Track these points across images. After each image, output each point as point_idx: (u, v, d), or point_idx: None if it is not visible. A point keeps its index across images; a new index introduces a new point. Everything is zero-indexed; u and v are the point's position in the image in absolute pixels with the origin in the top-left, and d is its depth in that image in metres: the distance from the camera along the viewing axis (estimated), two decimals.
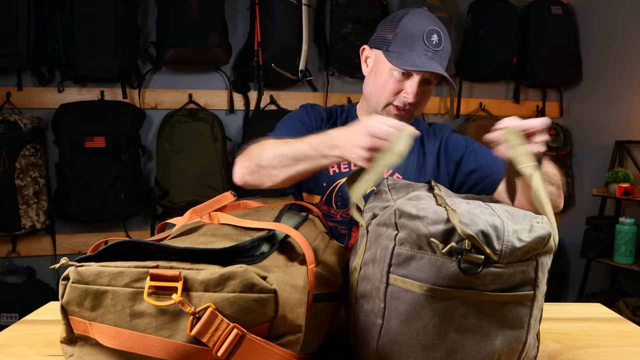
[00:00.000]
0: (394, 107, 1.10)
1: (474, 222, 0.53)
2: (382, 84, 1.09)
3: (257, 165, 0.97)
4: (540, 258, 0.55)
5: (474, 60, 2.75)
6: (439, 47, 1.05)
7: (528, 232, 0.54)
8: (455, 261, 0.53)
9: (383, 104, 1.10)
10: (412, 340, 0.57)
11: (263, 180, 0.97)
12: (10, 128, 2.20)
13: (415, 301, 0.56)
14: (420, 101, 1.10)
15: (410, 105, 1.08)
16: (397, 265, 0.58)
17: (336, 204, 1.14)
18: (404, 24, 1.07)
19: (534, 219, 0.56)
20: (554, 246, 0.56)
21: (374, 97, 1.12)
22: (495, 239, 0.52)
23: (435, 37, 1.05)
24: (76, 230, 2.50)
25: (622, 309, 2.37)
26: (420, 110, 1.14)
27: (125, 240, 0.54)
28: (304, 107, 1.22)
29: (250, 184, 1.00)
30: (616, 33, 2.71)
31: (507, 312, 0.55)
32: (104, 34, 2.23)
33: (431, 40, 1.05)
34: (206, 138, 2.42)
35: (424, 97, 1.11)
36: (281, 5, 2.39)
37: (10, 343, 0.81)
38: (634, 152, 2.62)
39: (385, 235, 0.60)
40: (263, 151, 0.97)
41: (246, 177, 0.99)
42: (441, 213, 0.55)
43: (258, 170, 0.97)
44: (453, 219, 0.53)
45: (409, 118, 1.11)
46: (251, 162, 0.98)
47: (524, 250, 0.53)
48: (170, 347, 0.49)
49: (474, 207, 0.58)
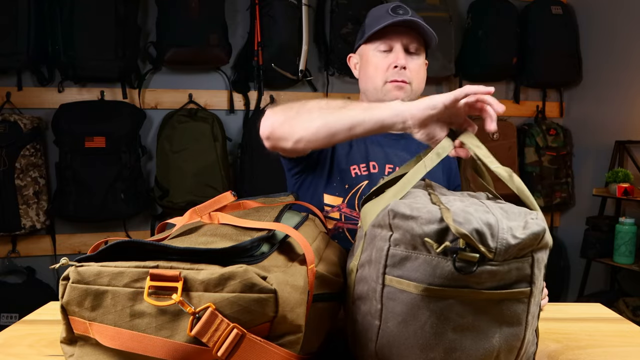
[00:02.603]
0: (390, 82, 1.11)
1: (467, 221, 0.53)
2: (372, 68, 1.13)
3: (296, 110, 0.89)
4: (535, 254, 0.55)
5: (473, 60, 2.75)
6: (407, 15, 1.08)
7: (522, 228, 0.54)
8: (450, 260, 0.53)
9: (380, 84, 1.12)
10: (409, 341, 0.57)
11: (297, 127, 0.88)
12: (10, 128, 2.20)
13: (411, 302, 0.56)
14: (415, 73, 1.12)
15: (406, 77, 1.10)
16: (393, 266, 0.58)
17: (359, 207, 1.12)
18: (369, 15, 1.15)
19: (529, 215, 0.56)
20: (549, 242, 0.56)
21: (370, 84, 1.14)
22: (490, 236, 0.52)
23: (401, 10, 1.09)
24: (76, 230, 2.50)
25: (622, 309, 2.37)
26: (419, 85, 1.14)
27: (125, 240, 0.54)
28: None
29: (277, 135, 0.92)
30: (616, 33, 2.71)
31: (504, 310, 0.55)
32: (104, 34, 2.23)
33: (397, 12, 1.09)
34: (206, 138, 2.42)
35: (417, 69, 1.12)
36: (281, 5, 2.39)
37: (10, 343, 0.81)
38: (634, 152, 2.62)
39: (380, 236, 0.60)
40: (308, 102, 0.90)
41: (276, 125, 0.91)
42: (435, 212, 0.55)
43: (296, 115, 0.89)
44: (447, 218, 0.53)
45: (410, 92, 1.13)
46: (290, 107, 0.91)
47: (519, 247, 0.53)
48: (170, 347, 0.49)
49: (468, 205, 0.58)
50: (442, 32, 2.58)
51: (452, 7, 2.68)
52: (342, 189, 1.14)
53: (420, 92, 1.17)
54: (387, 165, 1.16)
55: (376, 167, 1.15)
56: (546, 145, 2.86)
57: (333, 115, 0.84)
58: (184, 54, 2.35)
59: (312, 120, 0.86)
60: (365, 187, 1.13)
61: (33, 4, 2.18)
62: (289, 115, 0.90)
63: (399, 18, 1.07)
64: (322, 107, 0.87)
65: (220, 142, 2.44)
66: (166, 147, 2.39)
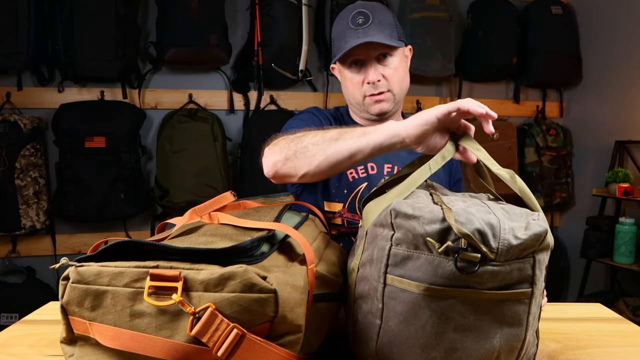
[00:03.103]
0: (369, 97, 1.13)
1: (469, 221, 0.53)
2: (350, 86, 1.15)
3: (295, 149, 0.90)
4: (537, 255, 0.55)
5: (473, 60, 2.75)
6: (366, 23, 1.08)
7: (524, 229, 0.54)
8: (451, 260, 0.53)
9: (360, 99, 1.14)
10: (410, 340, 0.57)
11: (299, 165, 0.90)
12: (10, 128, 2.20)
13: (413, 301, 0.56)
14: (392, 78, 1.12)
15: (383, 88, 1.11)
16: (394, 265, 0.58)
17: (360, 210, 1.12)
18: (334, 28, 1.15)
19: (530, 216, 0.56)
20: (551, 243, 0.56)
21: (351, 98, 1.17)
22: (492, 237, 0.52)
23: (360, 17, 1.09)
24: (76, 230, 2.50)
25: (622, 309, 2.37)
26: (399, 88, 1.15)
27: (125, 240, 0.54)
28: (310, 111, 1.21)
29: (282, 173, 0.93)
30: (616, 33, 2.71)
31: (505, 310, 0.55)
32: (104, 34, 2.23)
33: (357, 22, 1.09)
34: (206, 138, 2.42)
35: (392, 73, 1.12)
36: (281, 5, 2.39)
37: (10, 343, 0.81)
38: (634, 152, 2.62)
39: (382, 235, 0.60)
40: (303, 136, 0.92)
41: (279, 165, 0.93)
42: (437, 212, 0.55)
43: (295, 154, 0.90)
44: (449, 218, 0.53)
45: (391, 100, 1.14)
46: (288, 147, 0.92)
47: (521, 247, 0.53)
48: (170, 347, 0.49)
49: (470, 205, 0.58)
50: (442, 32, 2.59)
51: (452, 7, 2.68)
52: (341, 195, 1.14)
53: (405, 90, 1.18)
54: (385, 165, 1.16)
55: (374, 168, 1.15)
56: (546, 145, 2.86)
57: (331, 148, 0.86)
58: (184, 54, 2.35)
59: (312, 156, 0.88)
60: (364, 189, 1.13)
61: (33, 4, 2.18)
62: (288, 154, 0.91)
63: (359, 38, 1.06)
64: (317, 142, 0.88)
65: (220, 142, 2.44)
66: (166, 147, 2.39)
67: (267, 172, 0.97)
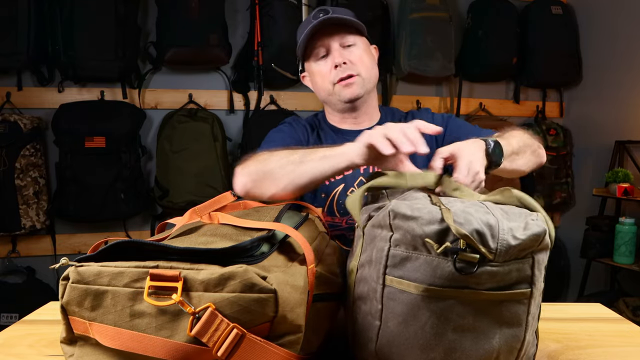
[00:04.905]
0: (337, 82, 1.13)
1: (468, 221, 0.53)
2: (319, 77, 1.16)
3: (262, 172, 0.95)
4: (536, 255, 0.55)
5: (473, 60, 2.75)
6: (326, 15, 1.10)
7: (523, 229, 0.54)
8: (450, 261, 0.53)
9: (331, 88, 1.15)
10: (410, 341, 0.57)
11: (266, 188, 0.95)
12: (10, 128, 2.20)
13: (412, 302, 0.56)
14: (359, 62, 1.13)
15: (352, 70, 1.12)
16: (393, 266, 0.58)
17: (339, 212, 1.13)
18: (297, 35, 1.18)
19: (529, 217, 0.56)
20: (550, 243, 0.56)
21: (323, 92, 1.18)
22: (490, 237, 0.52)
23: (320, 13, 1.11)
24: (76, 230, 2.50)
25: (622, 309, 2.37)
26: (369, 72, 1.15)
27: (125, 240, 0.54)
28: (287, 123, 1.24)
29: (252, 194, 0.98)
30: (616, 33, 2.71)
31: (505, 311, 0.55)
32: (104, 34, 2.22)
33: (317, 17, 1.11)
34: (206, 138, 2.42)
35: (359, 58, 1.13)
36: (281, 5, 2.39)
37: (10, 343, 0.81)
38: (634, 152, 2.62)
39: (381, 236, 0.60)
40: (269, 159, 0.96)
41: (248, 186, 0.97)
42: (435, 213, 0.55)
43: (263, 177, 0.95)
44: (447, 219, 0.53)
45: (360, 84, 1.14)
46: (255, 170, 0.96)
47: (520, 248, 0.53)
48: (170, 347, 0.49)
49: (469, 206, 0.58)
50: (442, 32, 2.59)
51: (452, 7, 2.68)
52: (319, 199, 1.15)
53: (374, 78, 1.19)
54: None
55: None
56: (546, 146, 2.86)
57: (294, 172, 0.91)
58: (184, 54, 2.35)
59: (278, 180, 0.93)
60: (341, 191, 1.14)
61: (33, 4, 2.18)
62: (255, 178, 0.96)
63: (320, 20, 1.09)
64: (283, 165, 0.93)
65: (220, 142, 2.44)
66: (166, 147, 2.39)
67: (239, 192, 1.00)
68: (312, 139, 1.21)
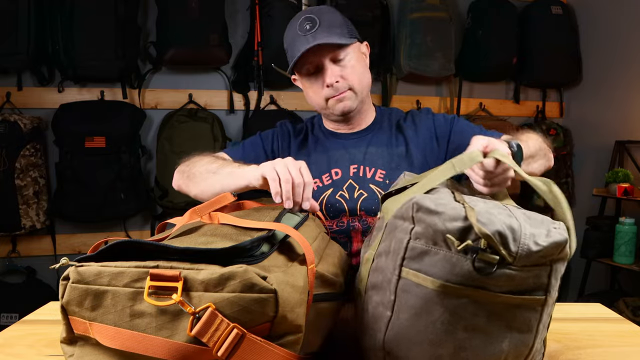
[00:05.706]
0: (331, 99, 1.14)
1: (491, 222, 0.52)
2: (311, 93, 1.16)
3: (188, 174, 1.07)
4: (554, 264, 0.55)
5: (473, 60, 2.75)
6: (313, 28, 1.08)
7: (545, 236, 0.53)
8: (469, 259, 0.52)
9: (324, 104, 1.16)
10: (419, 335, 0.57)
11: (190, 188, 1.07)
12: (10, 128, 2.20)
13: (426, 296, 0.56)
14: (351, 75, 1.12)
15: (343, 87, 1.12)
16: (411, 259, 0.58)
17: (329, 215, 1.14)
18: (284, 38, 1.16)
19: (552, 224, 0.56)
20: (569, 253, 0.56)
21: (316, 105, 1.19)
22: (512, 240, 0.52)
23: (307, 23, 1.10)
24: (76, 230, 2.50)
25: (622, 309, 2.37)
26: (359, 84, 1.15)
27: (125, 240, 0.54)
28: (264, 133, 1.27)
29: (182, 191, 1.11)
30: (616, 33, 2.71)
31: (517, 315, 0.55)
32: (104, 34, 2.23)
33: (304, 28, 1.09)
34: (206, 138, 2.42)
35: (350, 72, 1.13)
36: (281, 5, 2.39)
37: (10, 343, 0.81)
38: (634, 152, 2.62)
39: (401, 228, 0.60)
40: (197, 163, 1.07)
41: (179, 183, 1.11)
42: (459, 210, 0.55)
43: (188, 178, 1.07)
44: (471, 217, 0.52)
45: (353, 97, 1.15)
46: (185, 170, 1.09)
47: (540, 254, 0.52)
48: (170, 347, 0.49)
49: (492, 207, 0.57)
50: (442, 32, 2.59)
51: (452, 7, 2.68)
52: None
53: (366, 85, 1.18)
54: (351, 166, 1.17)
55: (339, 173, 1.17)
56: None
57: (208, 180, 1.01)
58: (184, 54, 2.35)
59: (197, 184, 1.05)
60: (330, 194, 1.14)
61: (33, 4, 2.18)
62: (182, 179, 1.10)
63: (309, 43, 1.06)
64: (202, 172, 1.04)
65: (220, 142, 2.44)
66: (166, 147, 2.39)
67: (174, 187, 1.14)
68: (294, 145, 1.23)
